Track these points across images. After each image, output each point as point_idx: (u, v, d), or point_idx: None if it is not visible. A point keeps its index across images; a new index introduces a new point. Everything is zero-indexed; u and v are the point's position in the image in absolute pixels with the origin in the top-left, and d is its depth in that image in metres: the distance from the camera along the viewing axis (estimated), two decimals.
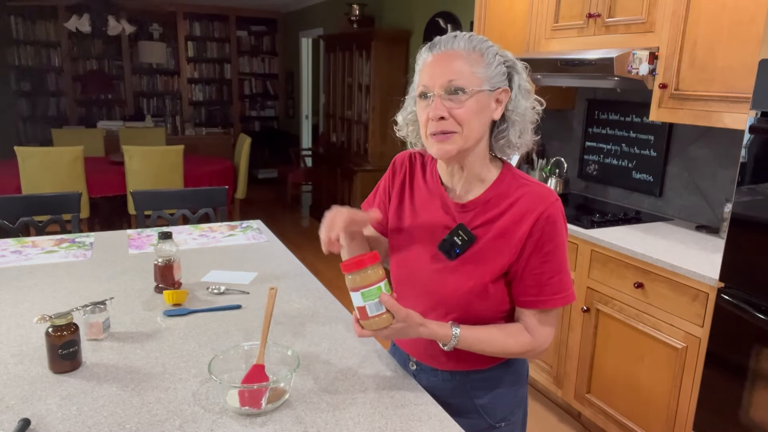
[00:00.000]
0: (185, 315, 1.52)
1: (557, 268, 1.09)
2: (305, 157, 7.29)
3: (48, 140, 6.36)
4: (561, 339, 2.59)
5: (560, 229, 1.09)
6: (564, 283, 1.10)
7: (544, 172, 3.28)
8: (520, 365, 1.26)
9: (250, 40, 8.40)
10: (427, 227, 1.18)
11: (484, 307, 1.13)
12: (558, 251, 1.09)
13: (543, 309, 1.11)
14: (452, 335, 1.08)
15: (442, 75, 1.04)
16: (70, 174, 4.35)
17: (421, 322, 1.05)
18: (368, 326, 1.04)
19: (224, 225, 2.49)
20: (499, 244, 1.10)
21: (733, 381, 1.84)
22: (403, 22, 4.97)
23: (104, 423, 1.04)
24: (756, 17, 1.96)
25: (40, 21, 7.10)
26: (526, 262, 1.09)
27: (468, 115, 1.05)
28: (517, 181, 1.14)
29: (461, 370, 1.20)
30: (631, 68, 2.33)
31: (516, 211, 1.10)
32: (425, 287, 1.16)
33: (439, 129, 1.05)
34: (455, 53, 1.05)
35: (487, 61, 1.06)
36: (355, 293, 1.03)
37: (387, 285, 1.04)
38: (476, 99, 1.05)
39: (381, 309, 1.02)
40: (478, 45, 1.06)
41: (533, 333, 1.12)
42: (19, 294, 1.64)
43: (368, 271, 1.02)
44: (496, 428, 1.23)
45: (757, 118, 1.75)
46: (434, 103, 1.05)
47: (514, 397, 1.25)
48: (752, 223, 1.77)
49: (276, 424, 1.05)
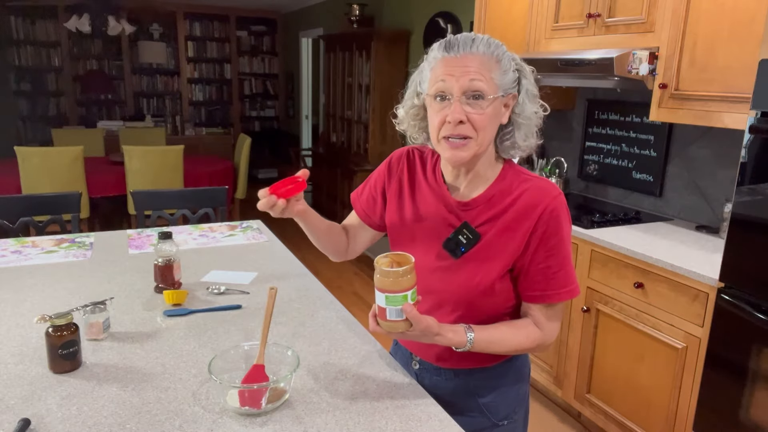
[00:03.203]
0: (185, 315, 1.52)
1: (562, 261, 1.10)
2: (305, 157, 7.28)
3: (48, 140, 6.36)
4: (561, 339, 2.59)
5: (564, 223, 1.10)
6: (569, 277, 1.11)
7: (544, 172, 3.28)
8: (521, 363, 1.27)
9: (250, 40, 8.40)
10: (431, 225, 1.18)
11: (490, 304, 1.13)
12: (562, 245, 1.09)
13: (550, 303, 1.12)
14: (467, 340, 1.07)
15: (462, 78, 1.02)
16: (70, 174, 4.35)
17: (438, 332, 1.04)
18: (384, 327, 1.03)
19: (224, 225, 2.49)
20: (504, 241, 1.10)
21: (733, 381, 1.84)
22: (403, 22, 4.97)
23: (104, 423, 1.04)
24: (756, 17, 1.96)
25: (40, 21, 7.10)
26: (531, 257, 1.10)
27: (485, 122, 1.04)
28: (519, 176, 1.13)
29: (465, 368, 1.21)
30: (631, 68, 2.33)
31: (519, 207, 1.10)
32: (430, 285, 1.16)
33: (456, 132, 1.05)
34: (475, 57, 1.03)
35: (504, 67, 1.06)
36: (380, 294, 1.00)
37: (414, 293, 1.01)
38: (494, 106, 1.05)
39: (402, 316, 1.00)
40: (495, 50, 1.05)
41: (542, 327, 1.13)
42: (19, 294, 1.64)
43: (401, 277, 0.98)
44: (498, 426, 1.23)
45: (757, 118, 1.75)
46: (454, 107, 1.03)
47: (517, 394, 1.26)
48: (752, 223, 1.77)
49: (276, 424, 1.05)
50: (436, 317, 1.07)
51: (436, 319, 1.06)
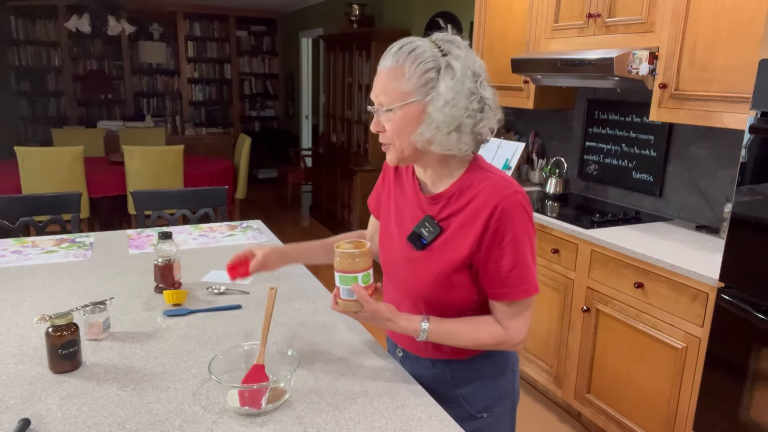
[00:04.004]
0: (185, 315, 1.52)
1: (517, 260, 1.10)
2: (305, 157, 7.29)
3: (48, 140, 6.36)
4: (561, 339, 2.59)
5: (517, 221, 1.09)
6: (524, 276, 1.11)
7: (544, 172, 3.28)
8: (502, 357, 1.28)
9: (250, 40, 8.41)
10: (402, 220, 1.24)
11: (451, 298, 1.16)
12: (517, 244, 1.09)
13: (509, 301, 1.13)
14: (421, 330, 1.12)
15: (375, 93, 1.12)
16: (70, 174, 4.35)
17: (390, 318, 1.11)
18: (340, 305, 1.13)
19: (224, 225, 2.49)
20: (460, 236, 1.13)
21: (733, 381, 1.84)
22: (403, 22, 4.97)
23: (104, 423, 1.04)
24: (756, 17, 1.96)
25: (40, 21, 7.10)
26: (486, 255, 1.11)
27: (396, 129, 1.11)
28: (481, 173, 1.15)
29: (441, 358, 1.24)
30: (631, 68, 2.33)
31: (475, 205, 1.12)
32: (399, 278, 1.23)
33: (381, 141, 1.16)
34: (382, 72, 1.10)
35: (408, 75, 1.06)
36: (336, 274, 1.10)
37: (367, 277, 1.10)
38: (402, 113, 1.09)
39: (352, 296, 1.09)
40: (401, 59, 1.07)
41: (504, 325, 1.14)
42: (19, 294, 1.64)
43: (355, 260, 1.08)
44: (477, 418, 1.26)
45: (757, 118, 1.75)
46: (375, 119, 1.14)
47: (496, 388, 1.27)
48: (752, 223, 1.77)
49: (276, 424, 1.05)
50: (401, 310, 1.15)
51: (403, 311, 1.14)
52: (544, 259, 2.65)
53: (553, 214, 2.73)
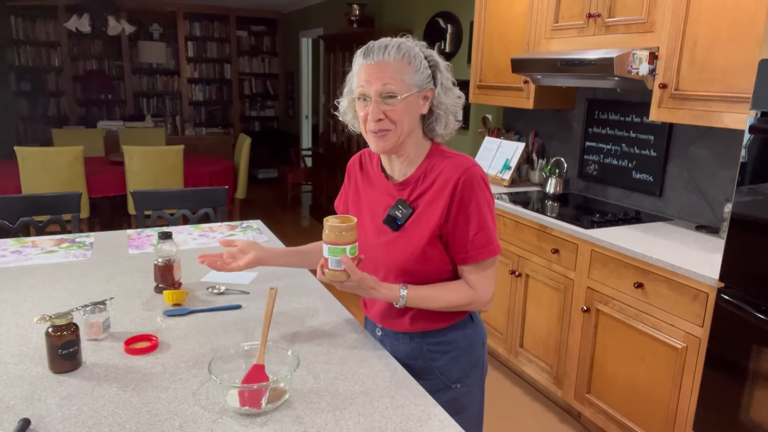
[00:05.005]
0: (185, 315, 1.52)
1: (481, 224, 1.26)
2: (305, 157, 7.29)
3: (48, 140, 6.36)
4: (561, 339, 2.59)
5: (477, 190, 1.25)
6: (489, 237, 1.27)
7: (544, 172, 3.28)
8: (473, 330, 1.40)
9: (250, 40, 8.40)
10: (374, 209, 1.37)
11: (427, 270, 1.29)
12: (480, 209, 1.25)
13: (476, 262, 1.27)
14: (400, 296, 1.26)
15: (377, 83, 1.21)
16: (70, 174, 4.35)
17: (373, 286, 1.23)
18: (327, 275, 1.20)
19: (224, 225, 2.49)
20: (430, 211, 1.27)
21: (733, 381, 1.84)
22: (403, 22, 4.97)
23: (104, 423, 1.04)
24: (756, 17, 1.96)
25: (40, 21, 7.10)
26: (453, 223, 1.26)
27: (400, 116, 1.23)
28: (442, 155, 1.31)
29: (418, 331, 1.35)
30: (631, 68, 2.33)
31: (441, 181, 1.27)
32: (377, 260, 1.33)
33: (377, 128, 1.24)
34: (387, 63, 1.21)
35: (415, 67, 1.23)
36: (325, 246, 1.18)
37: (354, 249, 1.18)
38: (406, 102, 1.23)
39: (340, 266, 1.17)
40: (406, 54, 1.22)
41: (473, 286, 1.29)
42: (19, 294, 1.64)
43: (343, 233, 1.16)
44: (452, 389, 1.37)
45: (757, 118, 1.75)
46: (372, 107, 1.23)
47: (468, 359, 1.39)
48: (752, 223, 1.77)
49: (276, 424, 1.05)
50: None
51: None
52: (544, 259, 2.65)
53: (553, 214, 2.73)
